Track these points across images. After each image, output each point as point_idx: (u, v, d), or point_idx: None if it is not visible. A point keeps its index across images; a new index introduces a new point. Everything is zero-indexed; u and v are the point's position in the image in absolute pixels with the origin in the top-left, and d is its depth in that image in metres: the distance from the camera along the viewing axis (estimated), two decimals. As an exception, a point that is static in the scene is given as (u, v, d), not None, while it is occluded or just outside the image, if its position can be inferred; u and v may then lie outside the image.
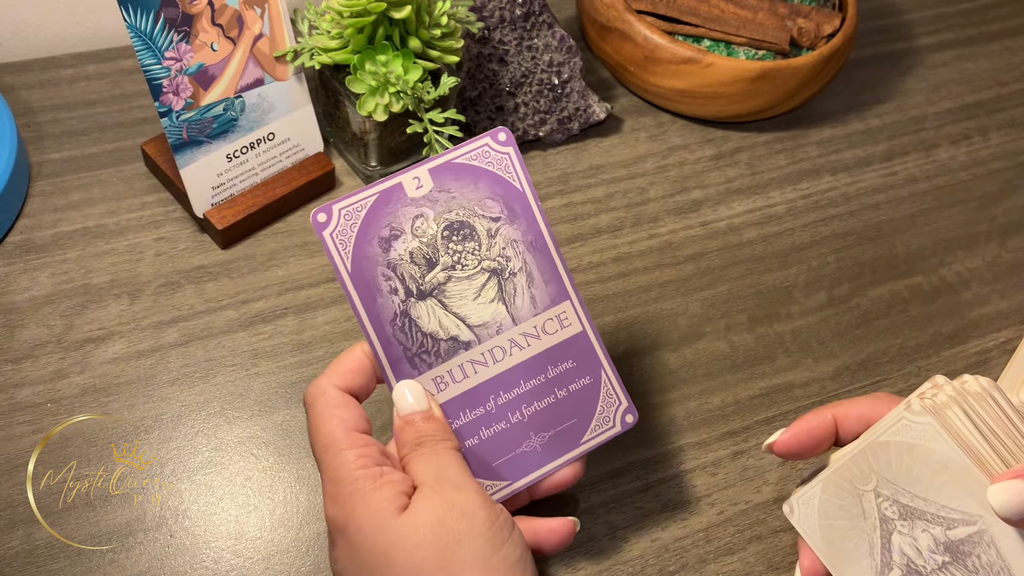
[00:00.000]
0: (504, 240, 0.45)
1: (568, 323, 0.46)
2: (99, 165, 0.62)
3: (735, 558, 0.51)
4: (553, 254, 0.46)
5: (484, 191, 0.45)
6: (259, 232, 0.60)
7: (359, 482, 0.39)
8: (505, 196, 0.45)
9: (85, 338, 0.54)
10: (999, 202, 0.71)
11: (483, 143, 0.45)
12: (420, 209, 0.44)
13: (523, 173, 0.46)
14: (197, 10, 0.53)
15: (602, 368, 0.46)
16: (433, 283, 0.44)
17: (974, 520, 0.38)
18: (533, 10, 0.63)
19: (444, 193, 0.45)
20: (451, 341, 0.44)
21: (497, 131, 0.46)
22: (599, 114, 0.67)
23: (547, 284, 0.46)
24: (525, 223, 0.46)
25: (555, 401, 0.45)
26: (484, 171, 0.46)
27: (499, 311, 0.45)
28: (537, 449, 0.45)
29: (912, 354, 0.61)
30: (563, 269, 0.46)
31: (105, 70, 0.67)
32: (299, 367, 0.55)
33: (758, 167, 0.70)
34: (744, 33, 0.69)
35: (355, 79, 0.57)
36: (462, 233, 0.45)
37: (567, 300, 0.46)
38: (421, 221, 0.44)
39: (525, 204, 0.46)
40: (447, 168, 0.45)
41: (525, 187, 0.46)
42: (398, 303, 0.43)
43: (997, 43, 0.83)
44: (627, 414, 0.47)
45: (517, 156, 0.46)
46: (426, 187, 0.45)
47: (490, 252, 0.45)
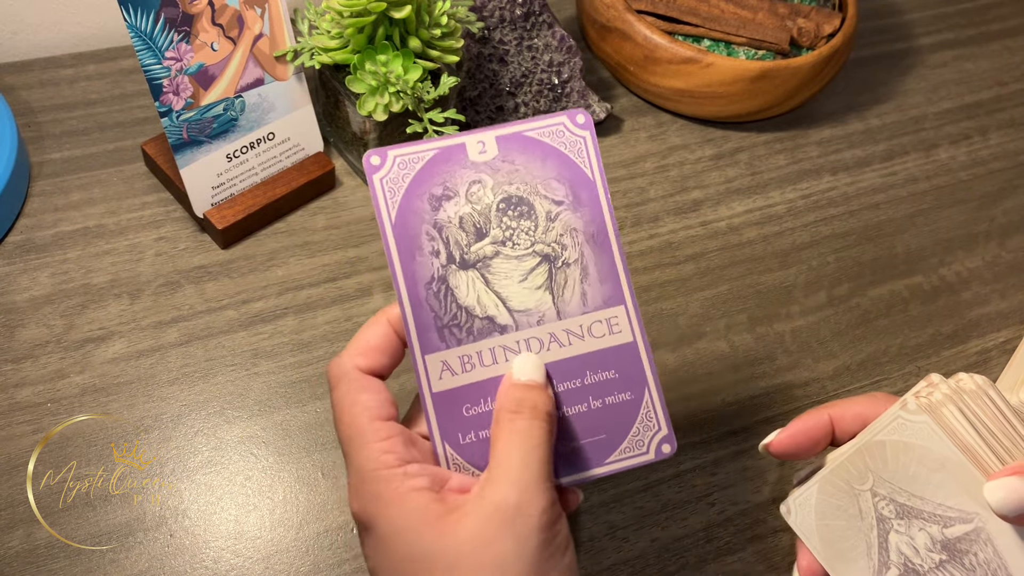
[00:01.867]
0: (563, 226, 0.42)
1: (618, 330, 0.42)
2: (99, 165, 0.62)
3: (735, 558, 0.51)
4: (615, 253, 0.42)
5: (551, 171, 0.42)
6: (259, 232, 0.60)
7: (383, 483, 0.37)
8: (572, 181, 0.42)
9: (85, 338, 0.54)
10: (999, 202, 0.71)
11: (559, 121, 0.43)
12: (479, 175, 0.42)
13: (597, 161, 0.43)
14: (197, 10, 0.53)
15: (647, 386, 0.42)
16: (479, 254, 0.41)
17: (970, 518, 0.38)
18: (533, 10, 0.63)
19: (508, 164, 0.42)
20: (487, 321, 0.41)
21: (576, 112, 0.43)
22: (599, 114, 0.67)
23: (602, 283, 0.42)
24: (590, 213, 0.42)
25: (587, 411, 0.41)
26: (555, 150, 0.43)
27: (544, 300, 0.42)
28: (557, 458, 0.41)
29: (912, 354, 0.61)
30: (623, 271, 0.42)
31: (105, 70, 0.67)
32: (299, 367, 0.55)
33: (758, 167, 0.70)
34: (744, 33, 0.69)
35: (355, 79, 0.57)
36: (519, 209, 0.42)
37: (621, 305, 0.42)
38: (478, 187, 0.42)
39: (593, 194, 0.42)
40: (516, 139, 0.42)
41: (597, 176, 0.43)
42: (438, 267, 0.40)
43: (997, 43, 0.83)
44: (664, 443, 0.41)
45: (593, 142, 0.43)
46: (490, 153, 0.42)
47: (546, 236, 0.42)
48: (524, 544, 0.35)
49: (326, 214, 0.61)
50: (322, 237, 0.60)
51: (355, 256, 0.60)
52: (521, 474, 0.36)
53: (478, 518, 0.35)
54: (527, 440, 0.37)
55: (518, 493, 0.36)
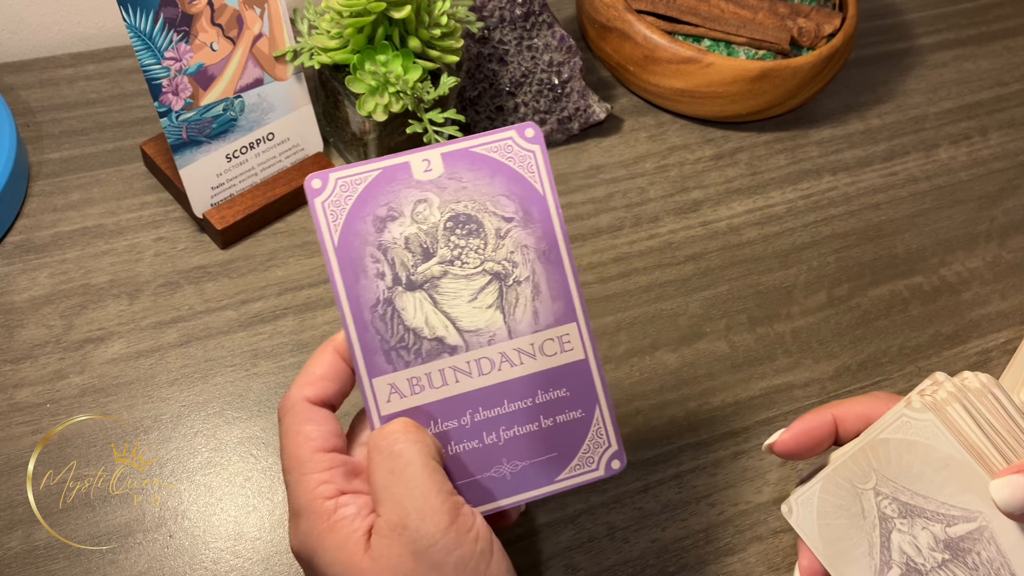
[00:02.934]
0: (514, 243, 0.41)
1: (570, 347, 0.41)
2: (98, 165, 0.62)
3: (735, 559, 0.51)
4: (567, 269, 0.41)
5: (500, 187, 0.41)
6: (259, 232, 0.60)
7: (315, 517, 0.36)
8: (523, 197, 0.41)
9: (84, 338, 0.54)
10: (999, 202, 0.71)
11: (507, 136, 0.41)
12: (425, 194, 0.41)
13: (547, 176, 0.42)
14: (196, 10, 0.53)
15: (598, 403, 0.42)
16: (426, 275, 0.40)
17: (974, 516, 0.38)
18: (533, 10, 0.63)
19: (455, 181, 0.41)
20: (436, 342, 0.40)
21: (525, 126, 0.42)
22: (599, 114, 0.67)
23: (554, 300, 0.41)
24: (541, 230, 0.41)
25: (538, 430, 0.41)
26: (503, 166, 0.42)
27: (495, 319, 0.41)
28: (506, 477, 0.40)
29: (912, 354, 0.61)
30: (575, 288, 0.42)
31: (104, 70, 0.67)
32: (298, 367, 0.54)
33: (758, 167, 0.70)
34: (744, 33, 0.69)
35: (355, 79, 0.57)
36: (467, 227, 0.41)
37: (573, 322, 0.41)
38: (424, 206, 0.41)
39: (544, 209, 0.41)
40: (462, 155, 0.41)
41: (547, 191, 0.42)
42: (383, 289, 0.40)
43: (997, 43, 0.83)
44: (614, 459, 0.41)
45: (543, 156, 0.42)
46: (436, 171, 0.41)
47: (496, 254, 0.41)
48: (442, 570, 0.35)
49: (326, 214, 0.61)
50: (322, 237, 0.60)
51: (355, 256, 0.60)
52: (410, 501, 0.35)
53: (389, 554, 0.35)
54: (394, 462, 0.37)
55: (416, 521, 0.35)
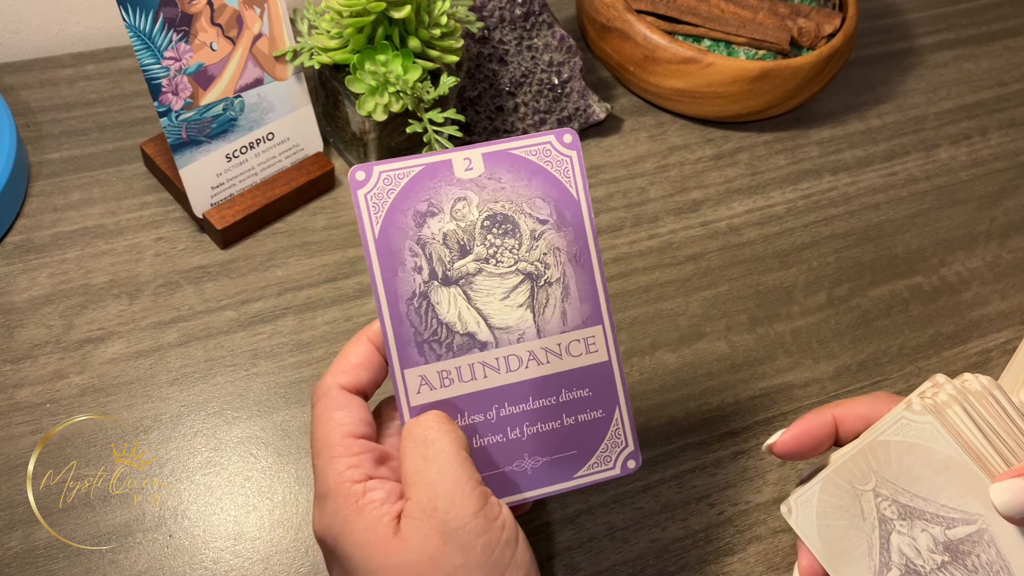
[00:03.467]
0: (547, 245, 0.42)
1: (595, 349, 0.43)
2: (98, 165, 0.62)
3: (735, 559, 0.51)
4: (596, 273, 0.43)
5: (537, 189, 0.43)
6: (259, 232, 0.60)
7: (343, 499, 0.36)
8: (558, 200, 0.43)
9: (84, 338, 0.54)
10: (999, 202, 0.71)
11: (546, 140, 0.43)
12: (465, 192, 0.42)
13: (583, 181, 0.43)
14: (196, 10, 0.53)
15: (618, 404, 0.43)
16: (462, 271, 0.42)
17: (974, 519, 0.38)
18: (533, 10, 0.63)
19: (494, 181, 0.42)
20: (467, 337, 0.41)
21: (563, 131, 0.43)
22: (599, 114, 0.67)
23: (582, 303, 0.43)
24: (573, 233, 0.43)
25: (560, 427, 0.42)
26: (541, 169, 0.43)
27: (525, 318, 0.42)
28: (527, 472, 0.42)
29: (912, 354, 0.61)
30: (603, 292, 0.43)
31: (104, 70, 0.67)
32: (298, 367, 0.54)
33: (758, 167, 0.70)
34: (744, 33, 0.69)
35: (355, 79, 0.57)
36: (504, 227, 0.42)
37: (600, 325, 0.43)
38: (463, 204, 0.42)
39: (578, 214, 0.43)
40: (502, 156, 0.42)
41: (582, 196, 0.43)
42: (420, 282, 0.41)
43: (997, 43, 0.83)
44: (630, 459, 0.43)
45: (579, 162, 0.43)
46: (476, 170, 0.42)
47: (529, 254, 0.42)
48: (469, 552, 0.35)
49: (326, 214, 0.61)
50: (322, 237, 0.60)
51: (355, 256, 0.60)
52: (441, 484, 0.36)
53: (418, 535, 0.35)
54: (427, 449, 0.37)
55: (446, 504, 0.35)
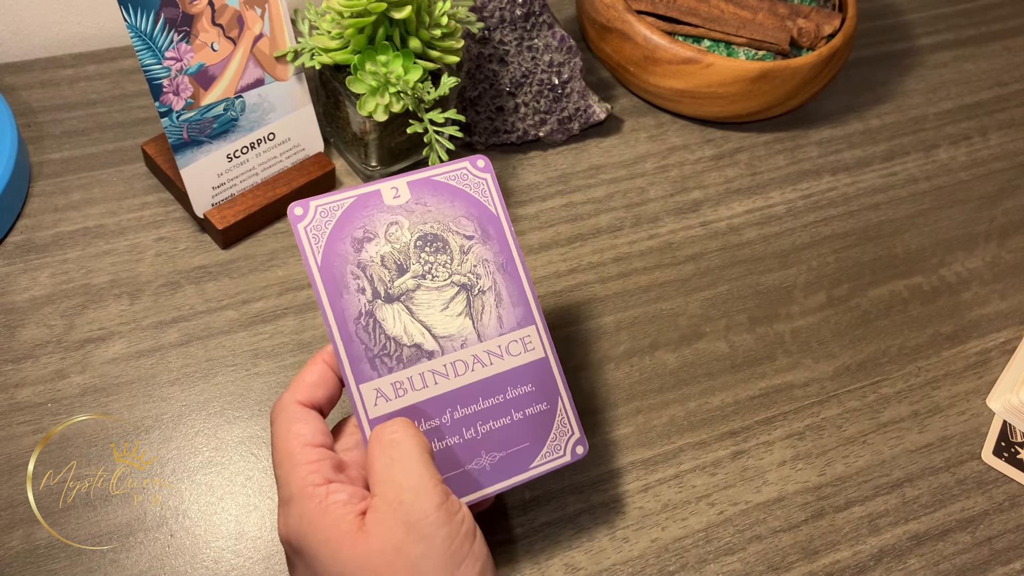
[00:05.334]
0: (476, 258, 0.46)
1: (532, 347, 0.46)
2: (99, 165, 0.62)
3: (735, 558, 0.51)
4: (523, 279, 0.47)
5: (460, 209, 0.47)
6: (259, 232, 0.60)
7: (307, 501, 0.38)
8: (480, 217, 0.47)
9: (85, 338, 0.54)
10: (999, 202, 0.71)
11: (462, 166, 0.47)
12: (395, 217, 0.46)
13: (499, 199, 0.48)
14: (197, 10, 0.53)
15: (559, 396, 0.46)
16: (402, 288, 0.45)
17: None
18: (533, 10, 0.64)
19: (420, 206, 0.46)
20: (414, 348, 0.44)
21: (476, 158, 0.48)
22: (599, 114, 0.67)
23: (514, 307, 0.47)
24: (497, 245, 0.47)
25: (510, 422, 0.45)
26: (461, 191, 0.47)
27: (465, 325, 0.45)
28: (486, 468, 0.45)
29: (912, 354, 0.61)
30: (531, 295, 0.47)
31: (105, 70, 0.67)
32: (299, 367, 0.55)
33: (758, 167, 0.70)
34: (744, 33, 0.69)
35: (355, 79, 0.57)
36: (435, 245, 0.46)
37: (533, 325, 0.47)
38: (395, 228, 0.46)
39: (499, 228, 0.47)
40: (425, 183, 0.47)
41: (500, 212, 0.47)
42: (364, 302, 0.44)
43: (997, 43, 0.83)
44: (578, 445, 0.46)
45: (494, 182, 0.48)
46: (403, 197, 0.46)
47: (461, 267, 0.46)
48: (431, 542, 0.37)
49: (326, 214, 0.62)
50: (322, 237, 0.60)
51: (355, 256, 0.60)
52: (407, 481, 0.38)
53: (383, 527, 0.37)
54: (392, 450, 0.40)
55: (411, 498, 0.38)
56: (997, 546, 0.53)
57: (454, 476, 0.44)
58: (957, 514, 0.54)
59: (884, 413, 0.58)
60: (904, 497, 0.54)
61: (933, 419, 0.58)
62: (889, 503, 0.54)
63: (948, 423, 0.58)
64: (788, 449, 0.55)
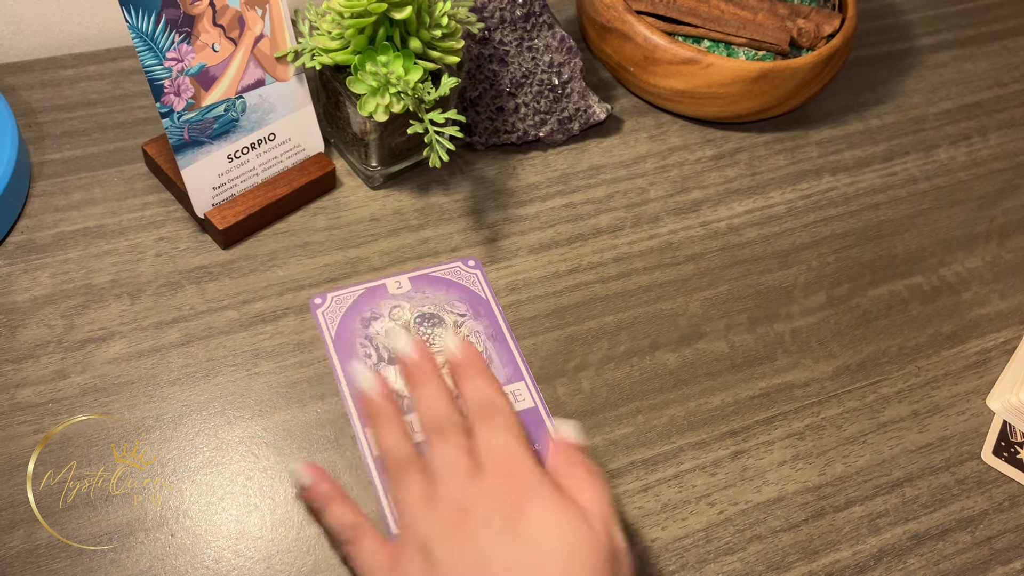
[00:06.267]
0: (468, 330, 0.56)
1: (522, 399, 0.54)
2: (100, 165, 0.62)
3: (735, 558, 0.51)
4: (511, 345, 0.56)
5: (454, 295, 0.57)
6: (260, 232, 0.60)
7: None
8: (471, 301, 0.57)
9: (86, 338, 0.54)
10: (999, 202, 0.71)
11: (455, 265, 0.59)
12: (398, 302, 0.57)
13: (488, 288, 0.58)
14: (198, 11, 0.54)
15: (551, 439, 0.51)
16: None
17: None
18: (533, 11, 0.64)
19: (419, 294, 0.57)
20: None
21: (468, 259, 0.59)
22: (599, 114, 0.68)
23: (504, 366, 0.55)
24: (487, 321, 0.57)
25: None
26: (455, 283, 0.58)
27: None
28: None
29: (912, 354, 0.61)
30: (519, 357, 0.56)
31: (106, 70, 0.67)
32: (300, 367, 0.55)
33: (758, 167, 0.70)
34: (744, 34, 0.69)
35: (356, 80, 0.57)
36: (432, 321, 0.56)
37: (522, 380, 0.55)
38: (398, 310, 0.56)
39: (489, 309, 0.57)
40: (424, 278, 0.58)
41: (489, 297, 0.58)
42: (370, 364, 0.54)
43: (997, 43, 0.83)
44: None
45: (483, 275, 0.59)
46: (404, 288, 0.57)
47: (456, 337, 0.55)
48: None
49: (327, 214, 0.62)
50: (323, 237, 0.60)
51: (356, 256, 0.60)
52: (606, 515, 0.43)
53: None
54: (596, 487, 0.44)
55: (612, 532, 0.42)
56: (997, 546, 0.53)
57: None
58: (957, 514, 0.54)
59: (884, 413, 0.58)
60: (904, 497, 0.55)
61: (933, 419, 0.58)
62: (889, 503, 0.54)
63: (948, 423, 0.58)
64: (788, 449, 0.55)
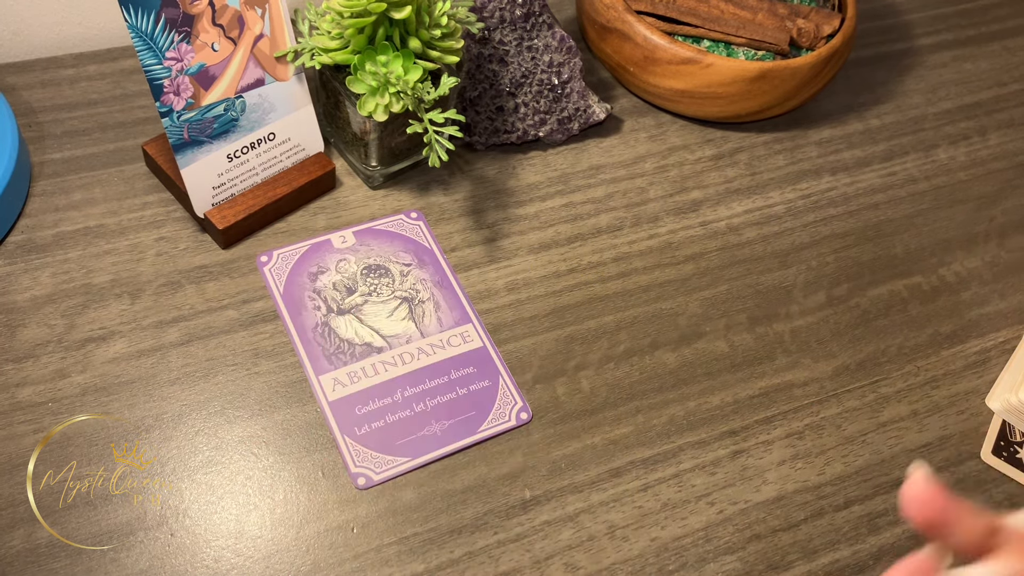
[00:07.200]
0: (415, 279, 0.58)
1: (470, 339, 0.56)
2: (100, 165, 0.62)
3: (734, 557, 0.51)
4: (457, 290, 0.58)
5: (399, 246, 0.59)
6: (260, 232, 0.60)
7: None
8: (416, 251, 0.59)
9: (86, 338, 0.54)
10: (998, 202, 0.71)
11: (399, 217, 0.60)
12: (344, 256, 0.58)
13: (431, 237, 0.60)
14: (198, 10, 0.54)
15: (500, 375, 0.55)
16: (351, 304, 0.56)
17: None
18: (533, 10, 0.64)
19: (364, 247, 0.59)
20: (365, 346, 0.55)
21: (409, 212, 0.61)
22: (599, 114, 0.68)
23: (452, 311, 0.57)
24: (432, 268, 0.59)
25: (456, 397, 0.54)
26: (398, 235, 0.60)
27: (409, 327, 0.56)
28: (438, 433, 0.53)
29: (911, 354, 0.61)
30: (466, 301, 0.58)
31: (106, 70, 0.67)
32: (299, 367, 0.55)
33: (757, 167, 0.70)
34: (743, 34, 0.69)
35: (355, 79, 0.57)
36: (378, 272, 0.58)
37: (469, 323, 0.57)
38: (344, 263, 0.58)
39: (433, 258, 0.59)
40: (368, 231, 0.59)
41: (433, 246, 0.60)
42: (320, 316, 0.56)
43: (996, 43, 0.83)
44: (521, 412, 0.54)
45: (426, 226, 0.60)
46: (350, 242, 0.59)
47: (402, 286, 0.57)
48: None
49: (326, 214, 0.62)
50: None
51: (355, 256, 0.60)
52: None
53: None
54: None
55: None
56: (996, 545, 0.53)
57: (409, 441, 0.52)
58: (956, 513, 0.54)
59: (884, 412, 0.58)
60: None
61: (932, 419, 0.58)
62: (888, 502, 0.54)
63: (947, 423, 0.58)
64: (788, 448, 0.55)
